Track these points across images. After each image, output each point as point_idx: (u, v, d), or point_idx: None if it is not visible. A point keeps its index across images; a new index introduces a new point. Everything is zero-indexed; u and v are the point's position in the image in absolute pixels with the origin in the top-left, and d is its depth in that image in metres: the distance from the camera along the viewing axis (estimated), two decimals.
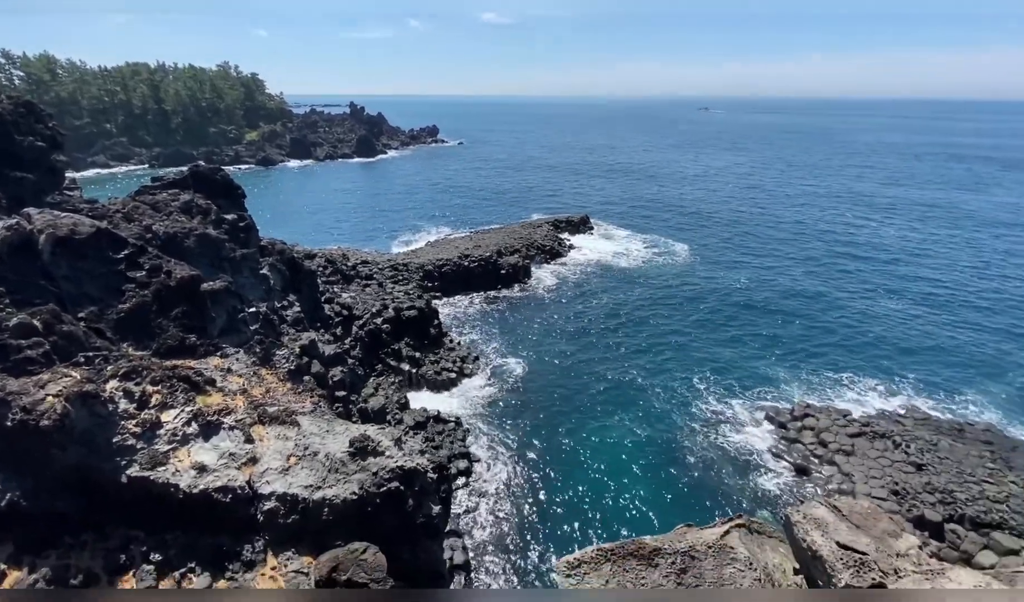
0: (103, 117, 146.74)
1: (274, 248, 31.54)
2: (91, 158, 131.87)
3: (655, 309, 48.30)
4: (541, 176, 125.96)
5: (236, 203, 30.40)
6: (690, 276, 56.88)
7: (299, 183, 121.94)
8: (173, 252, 22.52)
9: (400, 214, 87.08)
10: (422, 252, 58.44)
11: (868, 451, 28.03)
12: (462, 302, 50.04)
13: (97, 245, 19.04)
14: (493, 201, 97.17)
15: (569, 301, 49.97)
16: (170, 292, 18.96)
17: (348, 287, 43.18)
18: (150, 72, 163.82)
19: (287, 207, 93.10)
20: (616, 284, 54.72)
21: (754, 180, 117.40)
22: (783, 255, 64.03)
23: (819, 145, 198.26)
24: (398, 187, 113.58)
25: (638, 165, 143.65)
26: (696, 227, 76.74)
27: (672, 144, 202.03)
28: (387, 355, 34.62)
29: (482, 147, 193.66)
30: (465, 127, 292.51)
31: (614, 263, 61.34)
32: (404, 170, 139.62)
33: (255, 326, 23.83)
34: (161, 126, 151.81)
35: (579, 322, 45.43)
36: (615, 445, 29.65)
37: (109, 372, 13.52)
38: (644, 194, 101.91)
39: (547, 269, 58.81)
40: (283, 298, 29.96)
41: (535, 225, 69.82)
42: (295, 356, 20.64)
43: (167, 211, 25.85)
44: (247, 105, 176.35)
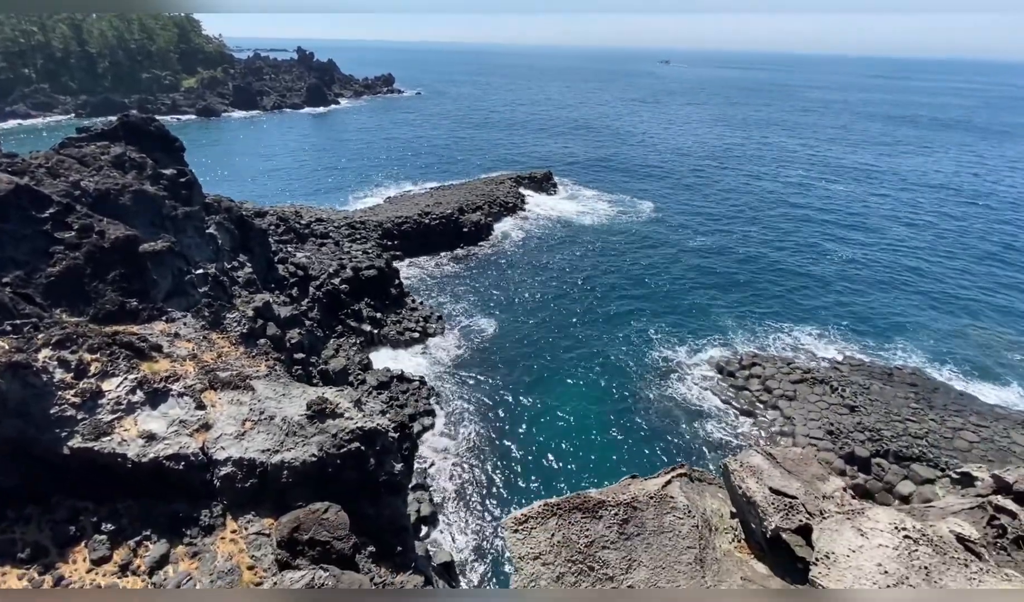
0: (20, 61, 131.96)
1: (220, 206, 29.93)
2: (9, 108, 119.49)
3: (615, 265, 49.12)
4: (502, 130, 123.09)
5: (175, 157, 28.42)
6: (651, 234, 57.77)
7: (245, 135, 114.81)
8: (106, 211, 20.98)
9: (355, 169, 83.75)
10: (380, 209, 56.73)
11: (808, 396, 30.04)
12: (423, 261, 49.31)
13: (18, 204, 17.50)
14: (453, 156, 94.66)
15: (532, 258, 50.10)
16: (104, 254, 17.78)
17: (303, 246, 41.69)
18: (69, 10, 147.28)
19: (233, 162, 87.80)
20: (578, 241, 55.07)
21: (714, 137, 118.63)
22: (739, 212, 65.77)
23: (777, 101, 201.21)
24: (352, 140, 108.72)
25: (601, 119, 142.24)
26: (659, 185, 77.42)
27: (635, 98, 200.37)
28: (347, 316, 34.02)
29: (440, 98, 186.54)
30: (422, 76, 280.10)
31: (577, 221, 61.47)
32: (358, 122, 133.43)
33: (204, 288, 22.80)
34: (87, 72, 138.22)
35: (541, 279, 45.75)
36: (575, 398, 30.61)
37: (41, 340, 12.71)
38: (608, 150, 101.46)
39: (510, 226, 58.42)
40: (233, 259, 28.68)
41: (497, 181, 68.72)
42: (248, 319, 19.96)
43: (96, 166, 23.87)
44: (182, 48, 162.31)
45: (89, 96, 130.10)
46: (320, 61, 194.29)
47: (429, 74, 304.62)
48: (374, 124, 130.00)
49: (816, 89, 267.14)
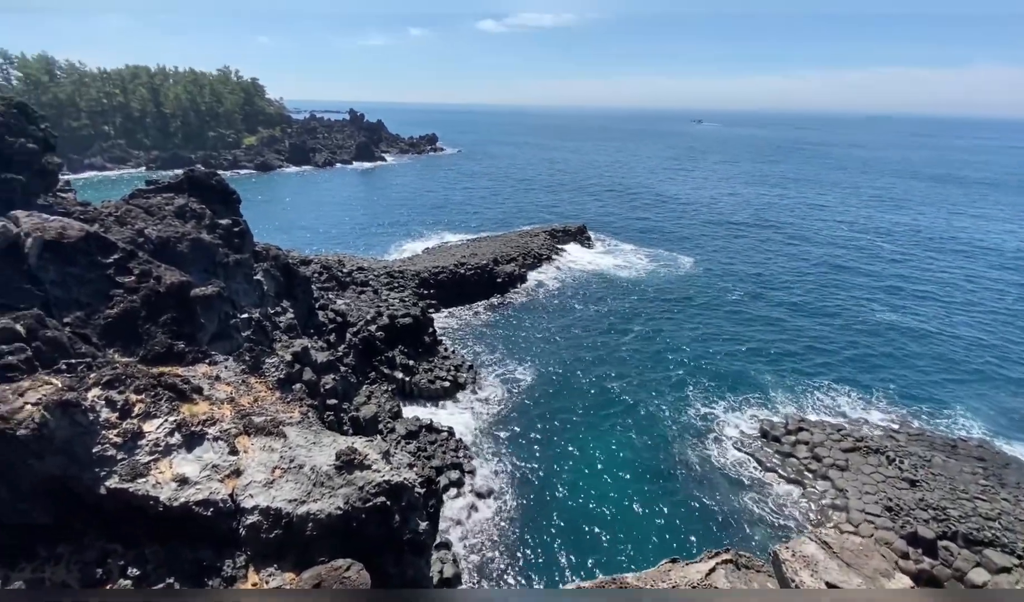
0: (101, 119, 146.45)
1: (269, 253, 31.28)
2: (88, 160, 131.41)
3: (652, 318, 48.13)
4: (538, 185, 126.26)
5: (231, 208, 30.16)
6: (690, 288, 56.48)
7: (296, 188, 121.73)
8: (165, 257, 22.22)
9: (397, 221, 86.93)
10: (418, 259, 58.22)
11: (862, 466, 27.85)
12: (458, 310, 49.78)
13: (86, 249, 18.72)
14: (490, 210, 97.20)
15: (566, 310, 49.80)
16: (159, 297, 18.65)
17: (343, 294, 42.88)
18: (150, 75, 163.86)
19: (284, 213, 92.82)
20: (613, 293, 54.53)
21: (752, 194, 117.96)
22: (780, 269, 64.07)
23: (815, 159, 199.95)
24: (396, 194, 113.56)
25: (635, 176, 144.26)
26: (697, 241, 76.38)
27: (670, 156, 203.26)
28: (380, 363, 34.28)
29: (479, 156, 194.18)
30: (463, 136, 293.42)
31: (613, 273, 61.06)
32: (402, 177, 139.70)
33: (247, 332, 23.51)
34: (160, 129, 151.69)
35: (576, 330, 45.22)
36: (609, 459, 29.35)
37: (92, 380, 13.17)
38: (643, 206, 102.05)
39: (544, 278, 58.65)
40: (277, 304, 29.66)
41: (532, 234, 69.78)
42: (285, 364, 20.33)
43: (160, 215, 25.57)
44: (246, 110, 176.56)
45: (160, 151, 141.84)
46: (370, 121, 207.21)
47: (470, 134, 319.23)
48: (416, 179, 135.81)
49: (856, 147, 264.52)
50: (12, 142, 24.86)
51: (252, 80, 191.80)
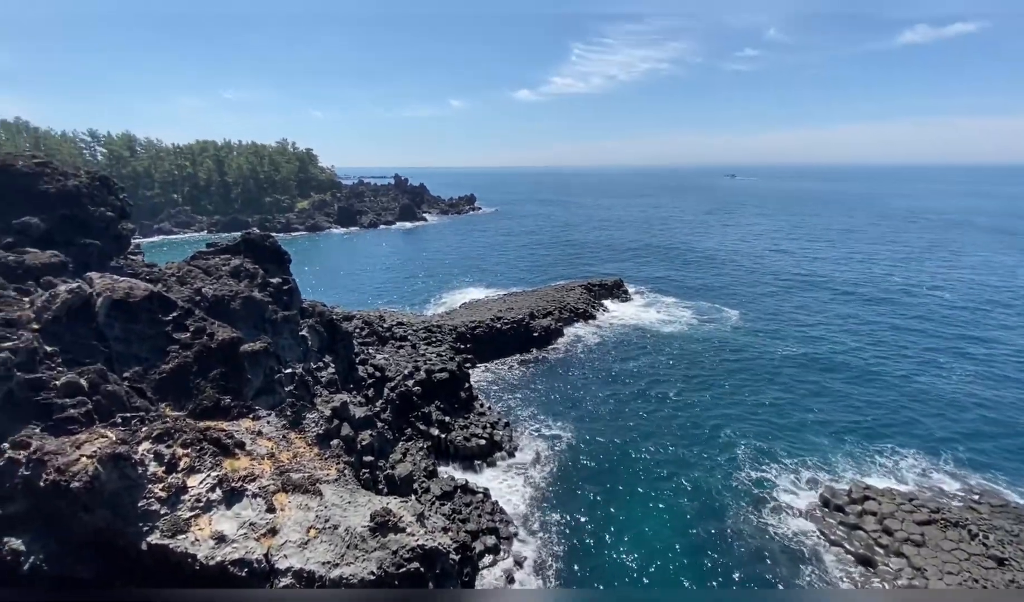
0: (172, 188, 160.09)
1: (314, 310, 32.36)
2: (157, 225, 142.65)
3: (698, 374, 46.07)
4: (573, 241, 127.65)
5: (282, 267, 31.64)
6: (738, 342, 54.05)
7: (343, 248, 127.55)
8: (219, 314, 23.31)
9: (436, 277, 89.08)
10: (456, 314, 58.91)
11: (941, 542, 25.00)
12: (495, 365, 49.58)
13: (149, 307, 19.87)
14: (526, 265, 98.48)
15: (606, 365, 48.63)
16: (211, 353, 19.39)
17: (383, 348, 43.54)
18: (216, 149, 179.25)
19: (330, 271, 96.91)
20: (656, 348, 52.84)
21: (796, 246, 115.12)
22: (831, 322, 60.90)
23: (858, 211, 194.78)
24: (435, 252, 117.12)
25: (672, 230, 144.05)
26: (742, 294, 74.17)
27: (706, 210, 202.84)
28: (417, 419, 34.10)
29: (516, 214, 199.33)
30: (500, 196, 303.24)
31: (655, 328, 59.47)
32: (441, 236, 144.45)
33: (290, 387, 23.99)
34: (222, 196, 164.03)
35: (616, 387, 43.90)
36: (656, 527, 27.50)
37: (144, 433, 13.59)
38: (683, 259, 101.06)
39: (581, 332, 57.93)
40: (319, 359, 30.33)
41: (568, 288, 69.82)
42: (325, 419, 20.47)
43: (217, 275, 27.06)
44: (300, 177, 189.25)
45: (221, 216, 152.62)
46: (412, 184, 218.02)
47: (507, 194, 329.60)
48: (455, 237, 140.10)
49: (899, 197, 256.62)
50: (93, 211, 27.27)
51: (307, 150, 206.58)
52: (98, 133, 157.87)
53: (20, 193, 26.10)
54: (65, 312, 17.07)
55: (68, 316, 17.27)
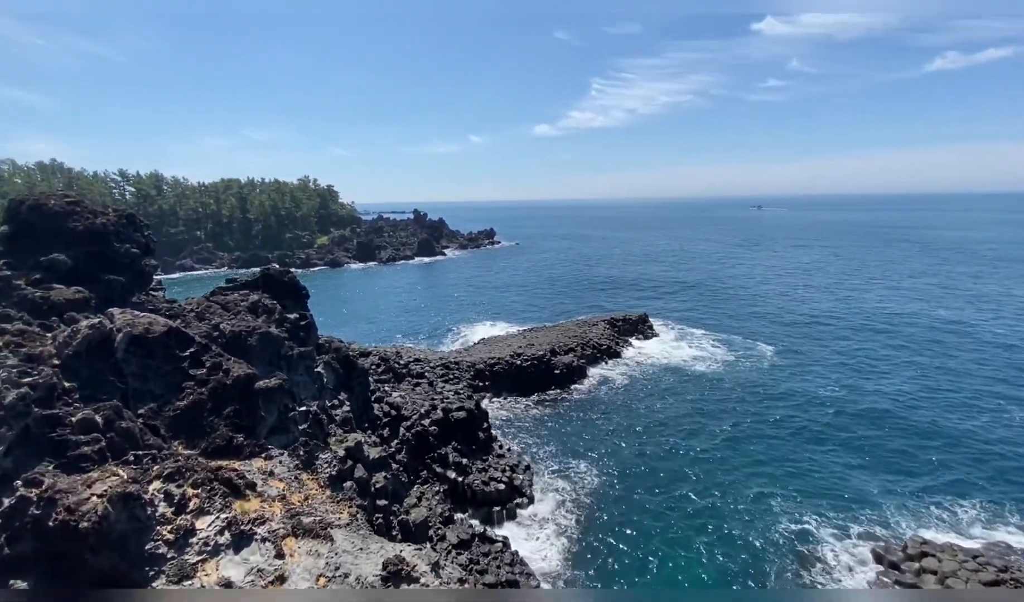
0: (195, 225, 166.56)
1: (331, 346, 32.69)
2: (179, 261, 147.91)
3: (732, 417, 44.44)
4: (595, 275, 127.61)
5: (300, 303, 32.25)
6: (774, 382, 52.23)
7: (361, 283, 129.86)
8: (236, 350, 23.72)
9: (454, 313, 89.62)
10: (474, 350, 58.83)
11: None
12: (514, 403, 49.01)
13: (166, 343, 20.33)
14: (546, 301, 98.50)
15: (632, 406, 47.52)
16: (225, 389, 19.62)
17: (399, 386, 43.52)
18: (240, 186, 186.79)
19: (348, 306, 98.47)
20: (687, 388, 51.34)
21: (832, 279, 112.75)
22: (874, 360, 58.56)
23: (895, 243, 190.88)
24: (454, 286, 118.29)
25: (699, 263, 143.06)
26: (776, 329, 72.27)
27: (733, 242, 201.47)
28: (433, 460, 33.64)
29: (535, 248, 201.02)
30: (519, 230, 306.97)
31: (685, 366, 58.09)
32: (460, 270, 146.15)
33: (304, 425, 24.03)
34: (244, 233, 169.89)
35: (644, 430, 42.70)
36: (688, 584, 26.15)
37: (155, 472, 13.66)
38: (711, 293, 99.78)
39: (606, 370, 57.07)
40: (334, 397, 30.43)
41: (590, 323, 69.29)
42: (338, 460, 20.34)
43: (236, 310, 27.69)
44: (321, 213, 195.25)
45: (242, 252, 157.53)
46: (432, 219, 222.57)
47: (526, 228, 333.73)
48: (474, 272, 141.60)
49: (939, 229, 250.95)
50: (118, 247, 28.43)
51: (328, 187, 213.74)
52: (128, 173, 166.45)
53: (51, 231, 27.43)
54: (85, 347, 17.57)
55: (88, 352, 17.77)
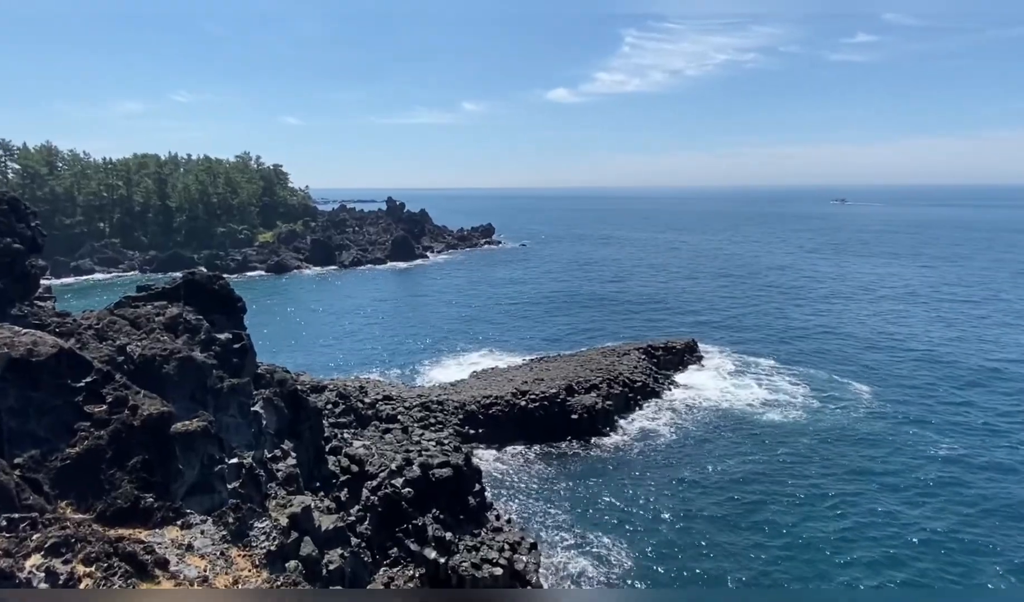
0: (98, 215, 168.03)
1: (273, 377, 32.73)
2: (75, 262, 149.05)
3: (820, 483, 43.67)
4: (627, 288, 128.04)
5: (234, 319, 32.38)
6: (876, 435, 51.52)
7: (315, 294, 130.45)
8: (147, 380, 23.74)
9: (438, 335, 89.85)
10: (464, 386, 58.79)
11: None
12: (516, 458, 48.82)
13: (55, 369, 20.34)
14: (561, 321, 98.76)
15: (676, 466, 47.06)
16: (131, 434, 19.57)
17: (363, 432, 43.44)
18: (158, 164, 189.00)
19: (298, 324, 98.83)
20: (751, 442, 50.89)
21: (945, 297, 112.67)
22: (1006, 406, 58.02)
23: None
24: (438, 301, 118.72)
25: (764, 276, 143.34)
26: (869, 364, 72.00)
27: (810, 249, 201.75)
28: (406, 534, 33.42)
29: (550, 252, 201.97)
30: (526, 227, 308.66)
31: (747, 410, 57.95)
32: (448, 279, 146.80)
33: (234, 484, 23.93)
34: (161, 226, 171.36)
35: (694, 499, 42.25)
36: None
37: (35, 543, 13.56)
38: (780, 316, 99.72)
39: (641, 416, 57.08)
40: (276, 445, 30.37)
41: (620, 353, 69.27)
42: (279, 532, 20.21)
43: (148, 328, 27.79)
44: (265, 201, 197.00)
45: (158, 251, 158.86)
46: (411, 212, 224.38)
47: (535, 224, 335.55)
48: (466, 281, 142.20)
49: None
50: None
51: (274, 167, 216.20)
52: (11, 144, 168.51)
53: None
54: None
55: None
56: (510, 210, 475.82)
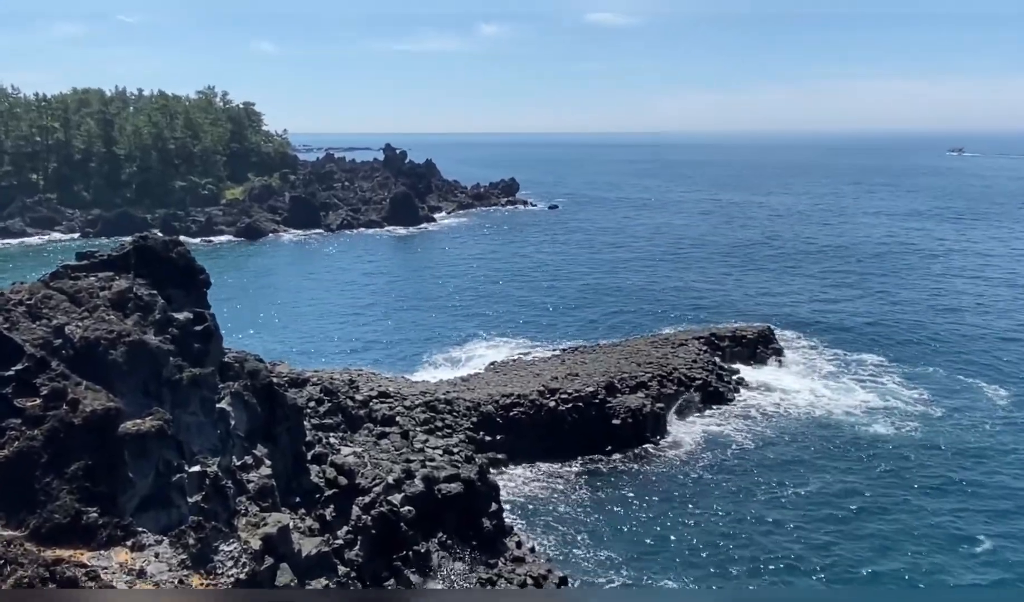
0: (29, 164, 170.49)
1: (244, 368, 33.17)
2: (3, 223, 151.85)
3: (929, 517, 42.59)
4: (683, 263, 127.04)
5: (195, 295, 32.77)
6: (1007, 455, 50.51)
7: (295, 265, 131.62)
8: (90, 369, 24.23)
9: (446, 319, 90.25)
10: (478, 382, 59.02)
11: None
12: (542, 472, 49.10)
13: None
14: (600, 303, 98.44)
15: (747, 487, 46.63)
16: (71, 434, 20.07)
17: (353, 437, 43.91)
18: (103, 102, 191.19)
19: (273, 303, 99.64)
20: (850, 459, 49.90)
21: None
22: None
23: None
24: (446, 276, 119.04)
25: (860, 247, 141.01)
26: (1008, 358, 71.09)
27: (919, 211, 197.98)
28: (405, 563, 33.90)
29: (587, 214, 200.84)
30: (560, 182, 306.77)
31: (843, 418, 56.88)
32: (460, 248, 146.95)
33: (196, 497, 24.43)
34: (107, 178, 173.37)
35: (767, 528, 42.02)
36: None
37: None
38: (887, 298, 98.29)
39: (702, 422, 57.06)
40: (248, 451, 30.84)
41: (675, 342, 68.95)
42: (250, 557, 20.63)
43: (91, 305, 28.27)
44: (233, 149, 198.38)
45: (103, 210, 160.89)
46: (414, 162, 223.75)
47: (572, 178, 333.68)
48: (482, 252, 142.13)
49: None
50: None
51: (244, 106, 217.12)
52: None
53: None
54: None
55: None
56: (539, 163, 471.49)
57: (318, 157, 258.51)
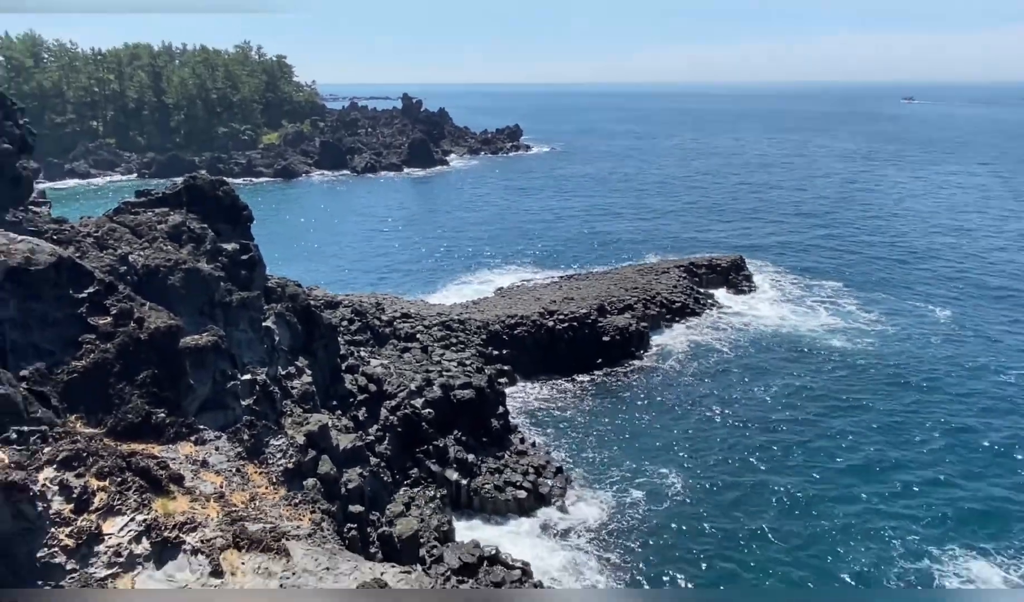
0: (90, 112, 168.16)
1: (285, 292, 33.41)
2: (70, 165, 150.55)
3: (873, 416, 43.69)
4: (666, 199, 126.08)
5: (240, 229, 32.78)
6: (955, 362, 51.17)
7: (327, 203, 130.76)
8: (152, 292, 24.42)
9: (459, 250, 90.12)
10: (487, 305, 59.39)
11: None
12: (542, 382, 49.84)
13: (56, 280, 20.98)
14: (594, 235, 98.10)
15: (718, 394, 47.58)
16: (139, 347, 20.31)
17: (380, 351, 44.49)
18: (152, 56, 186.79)
19: (309, 235, 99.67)
20: (809, 370, 50.77)
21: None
22: None
23: None
24: (459, 211, 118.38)
25: (823, 184, 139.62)
26: (953, 285, 71.01)
27: (876, 153, 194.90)
28: (427, 455, 34.74)
29: (581, 156, 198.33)
30: (559, 127, 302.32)
31: (805, 334, 57.82)
32: (470, 188, 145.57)
33: (248, 401, 24.92)
34: (158, 125, 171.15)
35: (734, 429, 42.90)
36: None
37: (46, 456, 14.41)
38: (847, 230, 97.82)
39: (680, 338, 57.44)
40: (290, 362, 31.34)
41: (658, 270, 68.98)
42: (296, 449, 21.18)
43: (150, 237, 28.30)
44: (268, 98, 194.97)
45: (157, 153, 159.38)
46: (429, 110, 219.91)
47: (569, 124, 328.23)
48: (490, 190, 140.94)
49: None
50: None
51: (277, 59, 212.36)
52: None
53: None
54: None
55: None
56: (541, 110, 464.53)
57: (343, 106, 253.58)
